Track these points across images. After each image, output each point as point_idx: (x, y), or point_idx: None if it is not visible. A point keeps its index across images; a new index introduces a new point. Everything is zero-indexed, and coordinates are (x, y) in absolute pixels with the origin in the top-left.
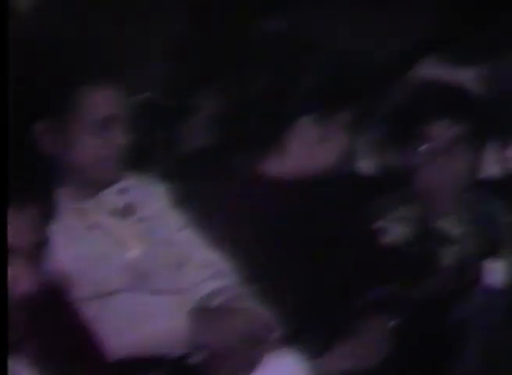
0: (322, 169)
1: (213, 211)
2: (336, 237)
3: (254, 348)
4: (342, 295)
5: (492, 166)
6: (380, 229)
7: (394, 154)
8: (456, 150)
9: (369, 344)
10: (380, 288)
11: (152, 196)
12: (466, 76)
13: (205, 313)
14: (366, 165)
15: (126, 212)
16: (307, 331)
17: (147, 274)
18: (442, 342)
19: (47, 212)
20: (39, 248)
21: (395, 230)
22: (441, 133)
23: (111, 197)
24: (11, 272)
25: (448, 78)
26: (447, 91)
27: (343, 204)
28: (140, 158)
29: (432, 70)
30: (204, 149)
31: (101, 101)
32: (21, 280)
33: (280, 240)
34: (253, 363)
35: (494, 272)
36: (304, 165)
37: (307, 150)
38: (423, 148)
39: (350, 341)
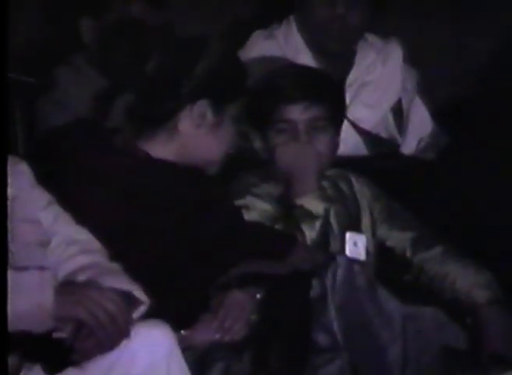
0: (208, 155)
1: (82, 187)
2: (202, 214)
3: (121, 321)
4: (208, 270)
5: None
6: (243, 206)
7: (255, 134)
8: (316, 130)
9: (235, 316)
10: (245, 263)
11: (14, 174)
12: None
13: (71, 288)
14: None
15: None
16: (174, 304)
17: (12, 252)
18: (306, 314)
19: None
20: None
21: (258, 206)
22: (301, 114)
23: None
24: None
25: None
26: (304, 73)
27: (208, 181)
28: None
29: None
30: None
31: None
32: None
33: (148, 217)
34: (120, 336)
35: (356, 246)
36: (191, 149)
37: (198, 134)
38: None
39: (217, 313)
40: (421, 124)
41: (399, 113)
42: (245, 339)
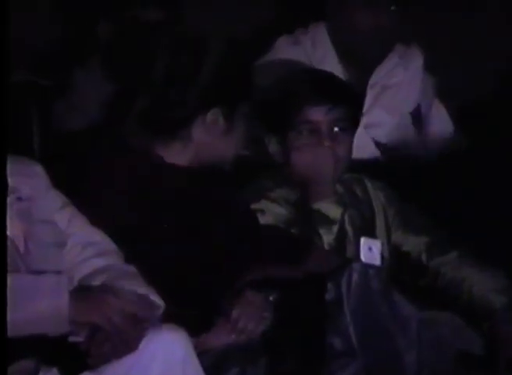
0: (221, 159)
1: (97, 190)
2: (217, 217)
3: (137, 325)
4: (223, 274)
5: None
6: (258, 209)
7: (271, 137)
8: (337, 132)
9: (249, 316)
10: (260, 267)
11: (30, 176)
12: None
13: (87, 293)
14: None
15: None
16: (189, 308)
17: (27, 254)
18: (321, 318)
19: None
20: None
21: (273, 210)
22: (324, 116)
23: None
24: None
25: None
26: (322, 77)
27: (224, 186)
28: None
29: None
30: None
31: None
32: None
33: (162, 220)
34: (136, 341)
35: (371, 251)
36: (205, 155)
37: (212, 141)
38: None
39: (231, 315)
40: (441, 127)
41: (418, 118)
42: (260, 343)
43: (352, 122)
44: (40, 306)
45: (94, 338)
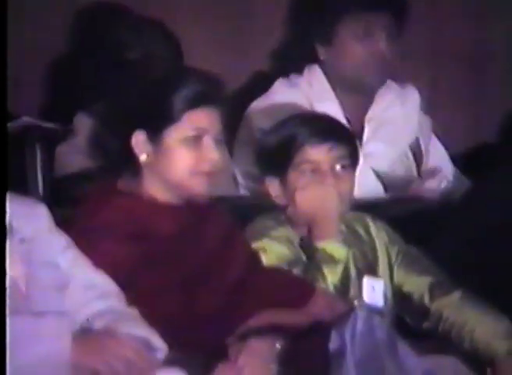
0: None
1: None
2: (220, 257)
3: (139, 370)
4: (226, 319)
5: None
6: (261, 248)
7: (273, 179)
8: (338, 171)
9: (254, 365)
10: (263, 313)
11: (33, 216)
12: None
13: (88, 337)
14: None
15: (7, 232)
16: (191, 352)
17: (29, 296)
18: (325, 368)
19: None
20: None
21: (275, 249)
22: (325, 154)
23: None
24: None
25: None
26: (319, 118)
27: (227, 225)
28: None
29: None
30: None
31: None
32: None
33: (168, 262)
34: None
35: (374, 291)
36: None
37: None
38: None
39: (235, 362)
40: (440, 164)
41: (418, 152)
42: None
43: (352, 159)
44: (41, 351)
45: None
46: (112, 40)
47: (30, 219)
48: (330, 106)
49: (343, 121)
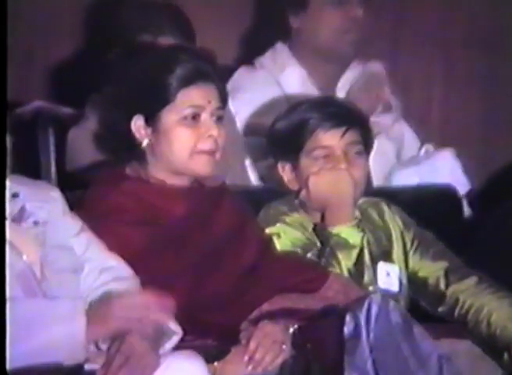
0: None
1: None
2: (232, 242)
3: (153, 350)
4: (240, 303)
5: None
6: (274, 233)
7: (284, 165)
8: (352, 156)
9: (267, 348)
10: (277, 297)
11: (46, 201)
12: None
13: (98, 306)
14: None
15: (20, 216)
16: (206, 336)
17: (44, 279)
18: (339, 352)
19: None
20: None
21: (289, 234)
22: (339, 140)
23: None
24: None
25: None
26: (330, 102)
27: (239, 210)
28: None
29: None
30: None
31: None
32: None
33: (180, 246)
34: (152, 367)
35: (388, 277)
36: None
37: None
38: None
39: (248, 346)
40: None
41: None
42: (276, 372)
43: (366, 145)
44: (55, 333)
45: (110, 365)
46: (125, 22)
47: (43, 202)
48: (292, 73)
49: (311, 88)
